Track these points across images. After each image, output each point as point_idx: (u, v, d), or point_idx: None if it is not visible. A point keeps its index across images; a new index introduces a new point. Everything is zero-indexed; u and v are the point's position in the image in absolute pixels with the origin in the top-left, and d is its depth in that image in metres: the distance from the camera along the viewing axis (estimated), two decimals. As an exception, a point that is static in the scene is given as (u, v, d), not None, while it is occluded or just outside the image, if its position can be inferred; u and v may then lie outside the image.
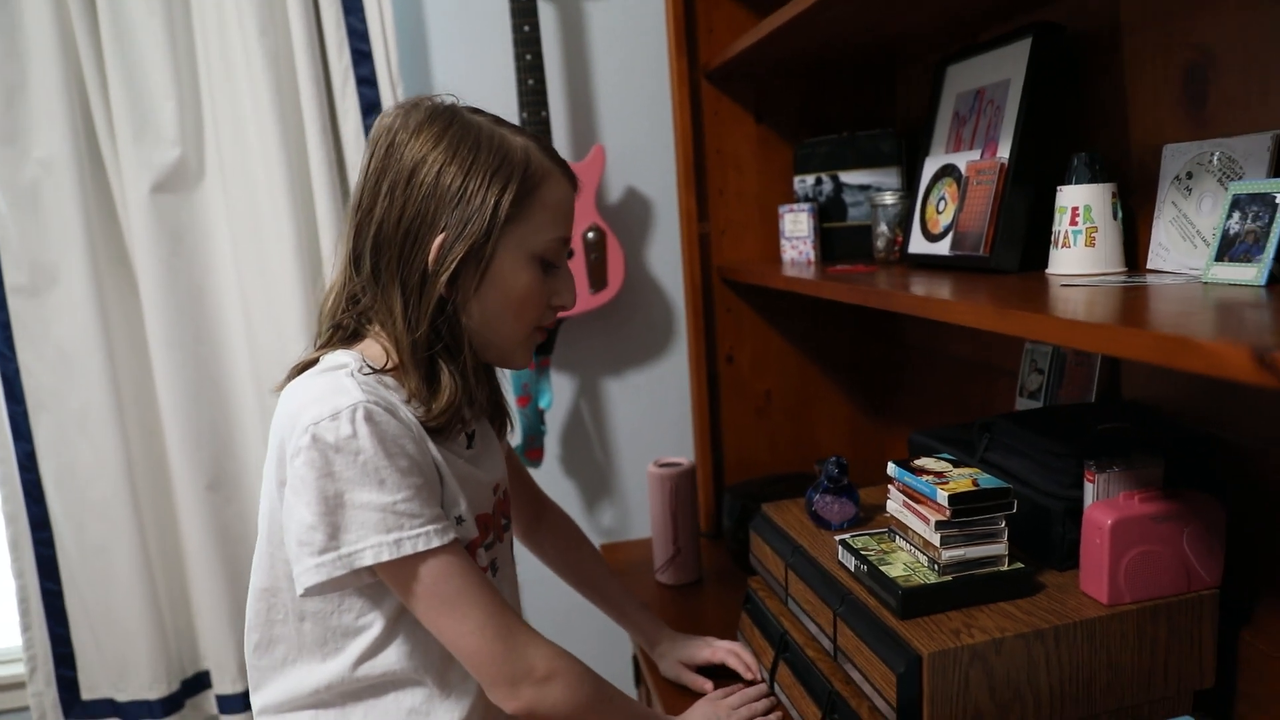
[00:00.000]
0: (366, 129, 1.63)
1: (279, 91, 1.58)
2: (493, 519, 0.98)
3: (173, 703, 1.72)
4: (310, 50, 1.57)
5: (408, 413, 0.86)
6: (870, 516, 1.16)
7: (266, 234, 1.63)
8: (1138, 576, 0.89)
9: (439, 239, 0.86)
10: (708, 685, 1.14)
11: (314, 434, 0.80)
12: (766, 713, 1.08)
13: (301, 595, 0.83)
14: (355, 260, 0.91)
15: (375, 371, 0.87)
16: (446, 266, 0.86)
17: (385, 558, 0.80)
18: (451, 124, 0.88)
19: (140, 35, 1.56)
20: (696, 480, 1.51)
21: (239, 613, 1.72)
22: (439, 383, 0.89)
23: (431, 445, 0.87)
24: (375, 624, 0.89)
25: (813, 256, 1.54)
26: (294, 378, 0.93)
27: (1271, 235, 0.82)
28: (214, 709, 1.80)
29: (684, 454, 1.70)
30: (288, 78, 1.60)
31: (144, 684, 1.70)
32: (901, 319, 1.66)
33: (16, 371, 1.61)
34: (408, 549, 0.81)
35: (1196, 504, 0.90)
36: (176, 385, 1.64)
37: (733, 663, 1.16)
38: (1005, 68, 1.15)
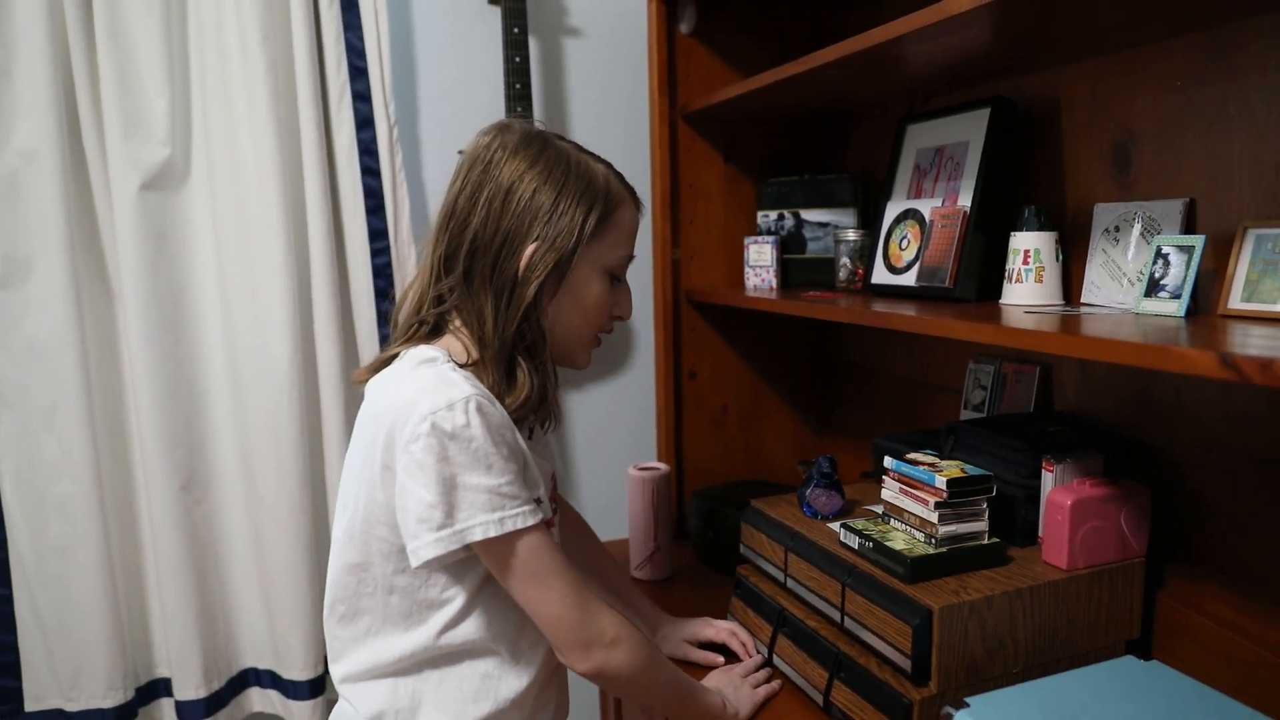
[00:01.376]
0: (360, 143, 1.69)
1: (276, 98, 1.63)
2: (550, 503, 1.10)
3: (126, 711, 1.69)
4: (310, 62, 1.63)
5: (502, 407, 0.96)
6: (852, 508, 1.33)
7: (255, 237, 1.66)
8: (1088, 547, 1.10)
9: (530, 248, 0.97)
10: (718, 659, 1.28)
11: (433, 422, 0.88)
12: (768, 680, 1.23)
13: (417, 566, 0.91)
14: (445, 262, 1.00)
15: (460, 367, 0.97)
16: (537, 274, 0.97)
17: (491, 534, 0.90)
18: (545, 148, 1.00)
19: (135, 32, 1.57)
20: (675, 483, 1.65)
21: (205, 615, 1.72)
22: (516, 380, 0.99)
23: (519, 438, 0.98)
24: (458, 597, 0.98)
25: (774, 284, 1.72)
26: (378, 370, 1.02)
27: (1189, 278, 1.06)
28: (167, 718, 1.77)
29: (643, 460, 1.83)
30: (286, 86, 1.65)
31: (99, 692, 1.66)
32: (847, 341, 1.87)
33: (-22, 366, 1.57)
34: (509, 526, 0.91)
35: (1130, 489, 1.13)
36: (154, 384, 1.63)
37: (732, 643, 1.30)
38: (965, 131, 1.38)
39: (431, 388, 0.91)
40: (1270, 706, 0.96)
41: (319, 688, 1.78)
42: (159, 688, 1.77)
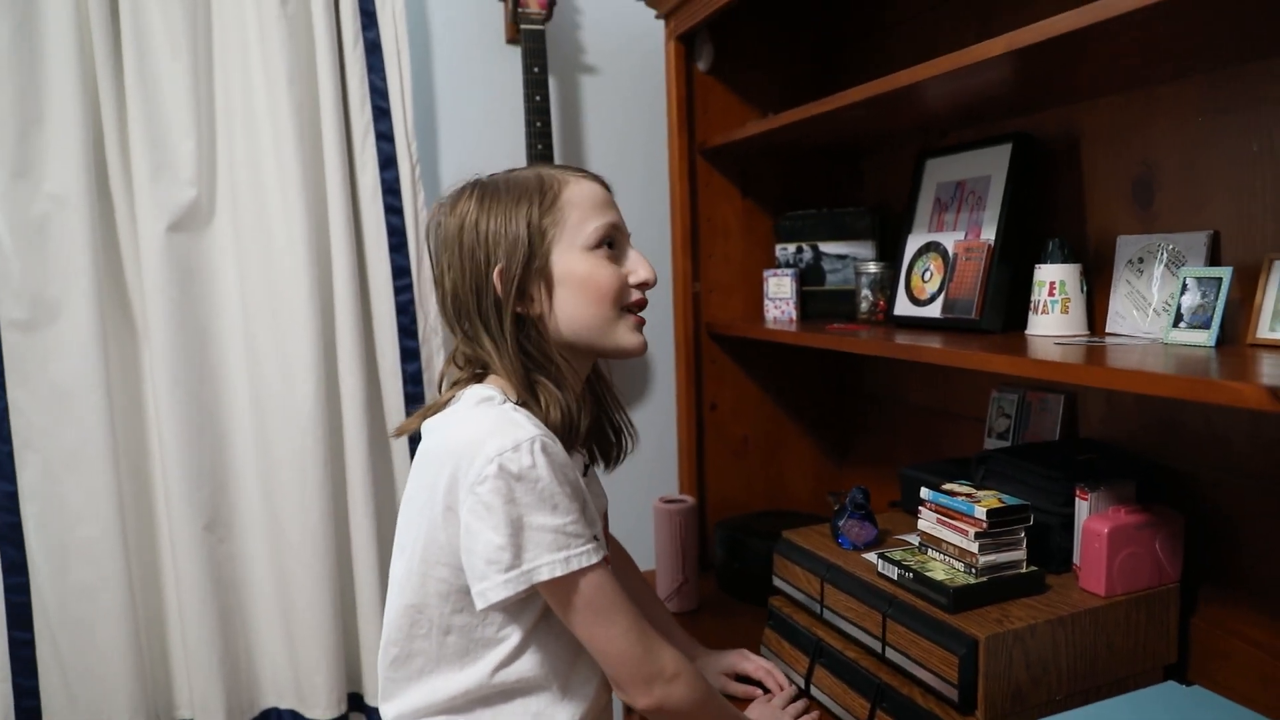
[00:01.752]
0: (383, 182, 1.72)
1: (301, 139, 1.65)
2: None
3: (148, 753, 1.67)
4: (335, 103, 1.66)
5: (561, 447, 0.97)
6: (884, 538, 1.35)
7: (280, 276, 1.67)
8: (1125, 573, 1.12)
9: (498, 269, 0.98)
10: (756, 691, 1.28)
11: (500, 464, 0.89)
12: (806, 710, 1.24)
13: (483, 609, 0.92)
14: (451, 329, 1.04)
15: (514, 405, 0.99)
16: (511, 288, 0.98)
17: (559, 573, 0.91)
18: (474, 189, 1.02)
19: (163, 76, 1.60)
20: (699, 514, 1.66)
21: (228, 655, 1.71)
22: (541, 401, 0.99)
23: (578, 473, 0.99)
24: (513, 635, 0.98)
25: (794, 315, 1.75)
26: (427, 417, 1.03)
27: (1217, 309, 1.09)
28: (188, 759, 1.75)
29: (664, 492, 1.84)
30: (311, 127, 1.67)
31: (120, 734, 1.65)
32: (867, 371, 1.89)
33: (5, 409, 1.57)
34: (574, 565, 0.92)
35: (1164, 516, 1.15)
36: (178, 425, 1.63)
37: (768, 681, 1.31)
38: (985, 165, 1.41)
39: (496, 429, 0.92)
40: (1315, 729, 0.98)
41: (343, 727, 1.77)
42: (180, 730, 1.76)
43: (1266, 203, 1.09)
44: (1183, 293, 1.13)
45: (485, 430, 0.93)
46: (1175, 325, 1.13)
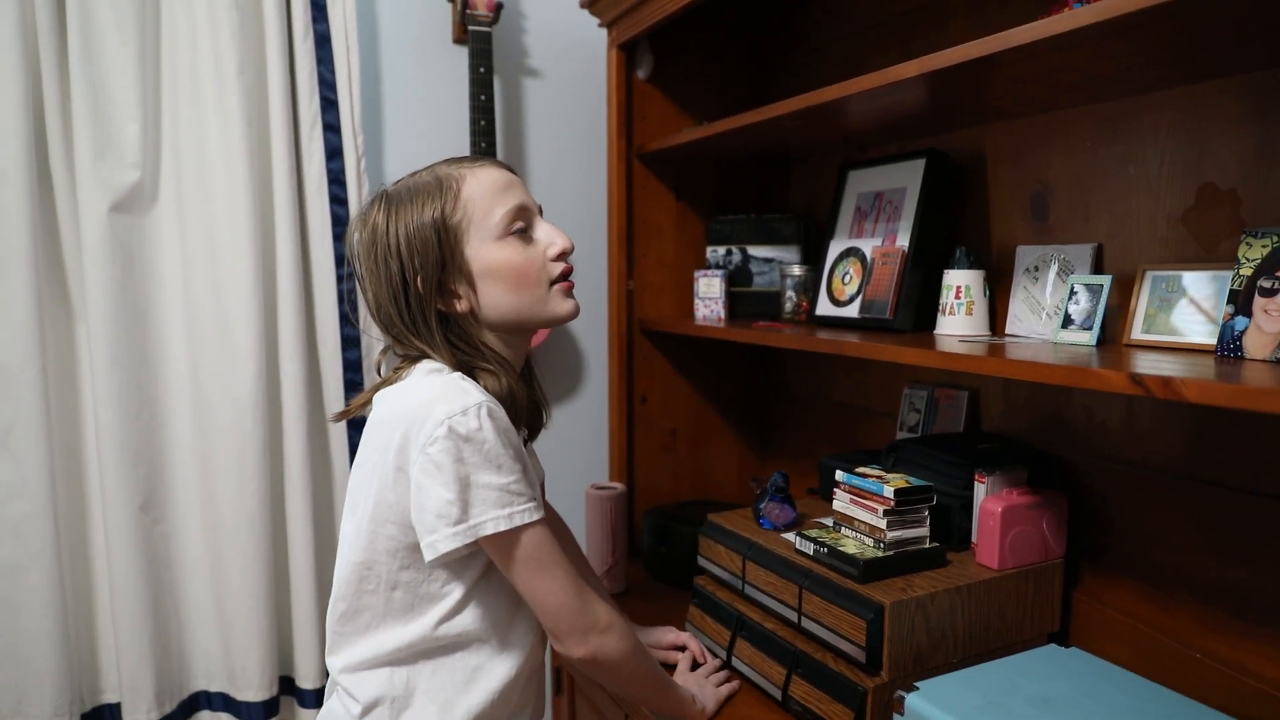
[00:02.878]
0: (329, 172, 1.75)
1: (250, 127, 1.68)
2: None
3: (71, 736, 1.66)
4: (284, 92, 1.69)
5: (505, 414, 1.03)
6: (803, 520, 1.45)
7: (223, 261, 1.69)
8: (1016, 549, 1.24)
9: (418, 279, 1.02)
10: (682, 661, 1.36)
11: (450, 426, 0.95)
12: (728, 680, 1.33)
13: (431, 560, 0.98)
14: (386, 335, 1.09)
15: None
16: (431, 289, 1.03)
17: (503, 528, 0.97)
18: (381, 200, 1.07)
19: (109, 60, 1.60)
20: (627, 502, 1.74)
21: (159, 637, 1.71)
22: (484, 384, 1.04)
23: (520, 439, 1.05)
24: (455, 591, 1.04)
25: (723, 315, 1.84)
26: (380, 389, 1.08)
27: (1098, 312, 1.22)
28: (111, 742, 1.75)
29: (595, 480, 1.92)
30: (259, 115, 1.70)
31: (44, 716, 1.63)
32: (789, 369, 2.00)
33: (-67, 384, 1.55)
34: (517, 521, 0.98)
35: (1051, 498, 1.28)
36: (116, 404, 1.64)
37: (692, 644, 1.39)
38: (902, 178, 1.53)
39: (445, 395, 0.98)
40: (1168, 680, 1.11)
41: (273, 709, 1.79)
42: (105, 713, 1.75)
43: (1141, 219, 1.23)
44: (1070, 298, 1.26)
45: (435, 395, 0.98)
46: (1064, 327, 1.26)
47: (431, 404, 0.98)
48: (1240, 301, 1.03)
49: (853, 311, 1.56)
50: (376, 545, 1.03)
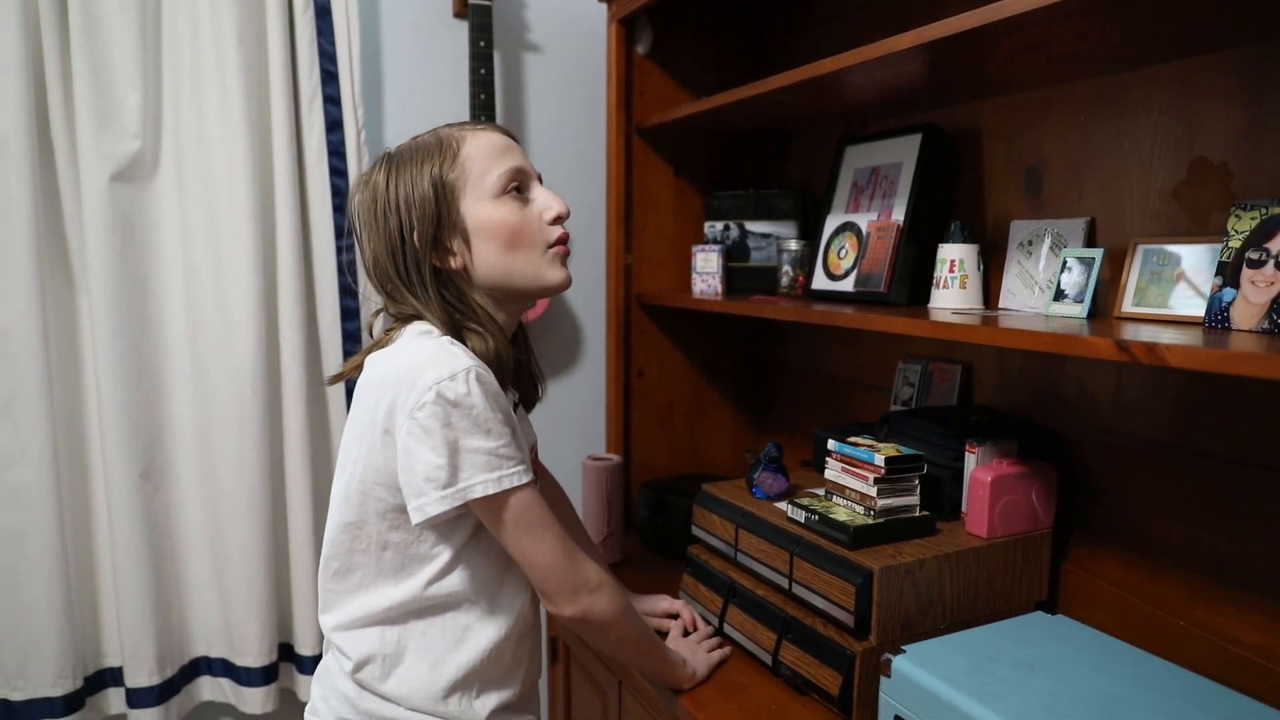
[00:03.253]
0: (329, 144, 1.76)
1: (249, 98, 1.68)
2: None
3: (74, 700, 1.69)
4: (285, 64, 1.69)
5: (494, 378, 1.04)
6: (795, 490, 1.46)
7: (223, 231, 1.70)
8: (1005, 518, 1.26)
9: (414, 234, 1.04)
10: (675, 628, 1.38)
11: (438, 391, 0.96)
12: (720, 646, 1.35)
13: (419, 522, 0.99)
14: (380, 294, 1.10)
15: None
16: (426, 244, 1.04)
17: (491, 491, 0.99)
18: (383, 160, 1.09)
19: (110, 30, 1.61)
20: (623, 474, 1.75)
21: (160, 603, 1.74)
22: (469, 344, 1.05)
23: (509, 403, 1.06)
24: (444, 552, 1.05)
25: (719, 290, 1.85)
26: (370, 353, 1.09)
27: (1090, 285, 1.23)
28: (114, 708, 1.77)
29: (591, 453, 1.93)
30: (259, 87, 1.70)
31: (47, 680, 1.66)
32: (785, 344, 2.01)
33: (-65, 351, 1.56)
34: (506, 484, 0.99)
35: (1040, 469, 1.29)
36: (116, 373, 1.65)
37: (685, 614, 1.41)
38: (898, 153, 1.54)
39: (434, 359, 0.99)
40: (1154, 648, 1.13)
41: (272, 674, 1.81)
42: (107, 677, 1.78)
43: (1134, 194, 1.24)
44: (1063, 271, 1.27)
45: (424, 359, 0.99)
46: (1056, 300, 1.27)
47: (419, 368, 0.98)
48: (1229, 273, 1.04)
49: (848, 285, 1.57)
50: (367, 506, 1.04)
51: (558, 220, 1.10)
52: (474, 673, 1.07)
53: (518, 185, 1.08)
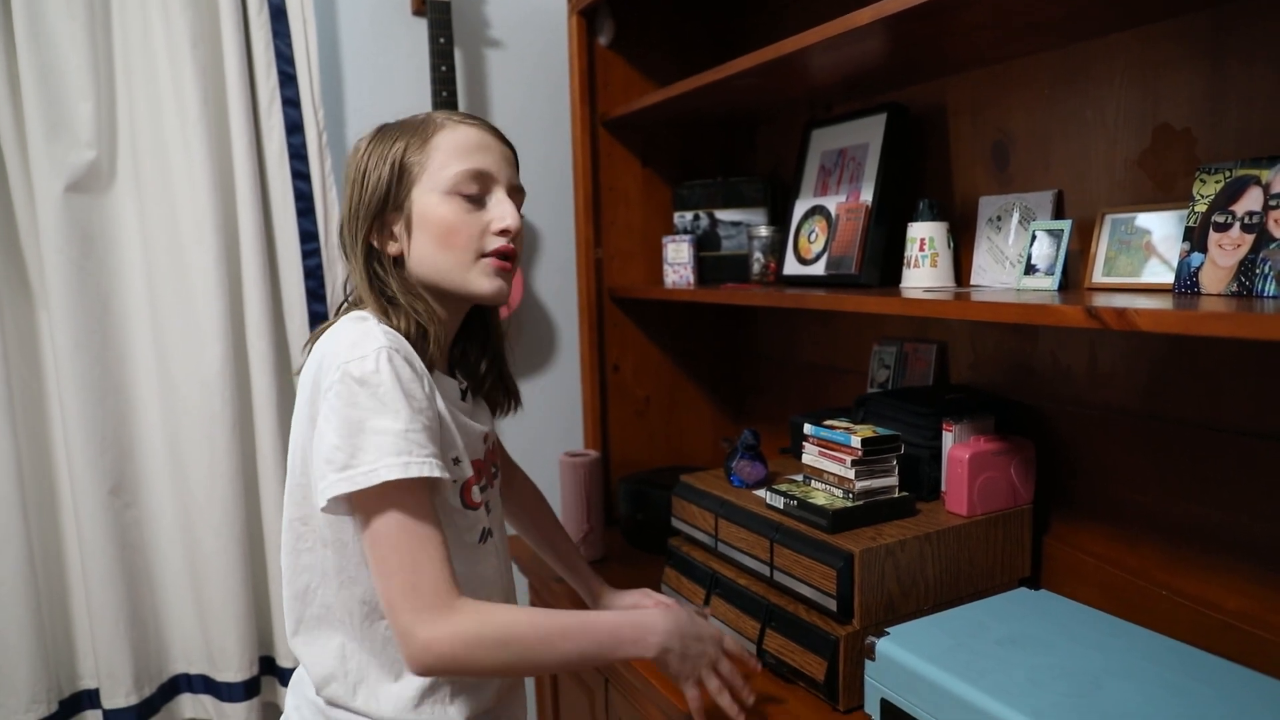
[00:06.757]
0: (290, 147, 1.73)
1: (206, 103, 1.65)
2: (484, 465, 1.12)
3: (49, 724, 1.65)
4: (241, 67, 1.66)
5: (421, 365, 1.00)
6: (774, 477, 1.45)
7: (186, 241, 1.67)
8: (985, 495, 1.25)
9: (364, 207, 1.03)
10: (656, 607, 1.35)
11: (344, 369, 0.92)
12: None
13: (322, 509, 0.94)
14: (342, 258, 1.09)
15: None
16: (369, 221, 1.03)
17: (395, 476, 0.91)
18: (379, 131, 1.07)
19: (58, 37, 1.57)
20: (602, 469, 1.73)
21: (135, 622, 1.70)
22: (394, 320, 1.01)
23: (438, 396, 1.01)
24: None
25: (692, 280, 1.84)
26: (315, 339, 1.06)
27: (1059, 257, 1.23)
28: (92, 728, 1.74)
29: (569, 450, 1.91)
30: (216, 91, 1.67)
31: (19, 707, 1.61)
32: (760, 333, 2.00)
33: (-109, 373, 1.52)
34: (414, 471, 0.92)
35: (1019, 444, 1.29)
36: (81, 389, 1.61)
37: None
38: (864, 134, 1.53)
39: (352, 341, 0.95)
40: (1137, 617, 1.12)
41: (254, 689, 1.78)
42: (84, 699, 1.74)
43: (1099, 164, 1.23)
44: (1032, 243, 1.27)
45: (343, 342, 0.96)
46: (1027, 274, 1.27)
47: (338, 350, 0.95)
48: (1196, 238, 1.04)
49: (819, 269, 1.56)
50: (309, 500, 0.99)
51: (504, 233, 1.05)
52: (442, 678, 1.03)
53: (476, 188, 1.04)
